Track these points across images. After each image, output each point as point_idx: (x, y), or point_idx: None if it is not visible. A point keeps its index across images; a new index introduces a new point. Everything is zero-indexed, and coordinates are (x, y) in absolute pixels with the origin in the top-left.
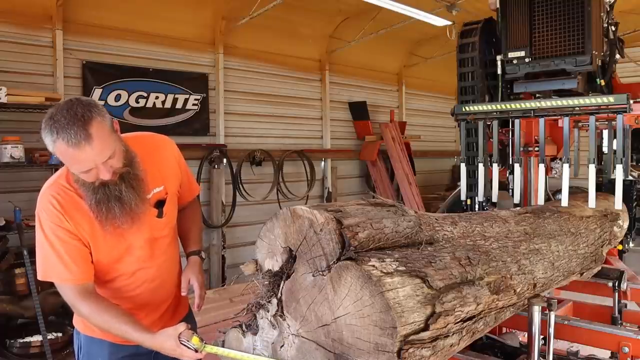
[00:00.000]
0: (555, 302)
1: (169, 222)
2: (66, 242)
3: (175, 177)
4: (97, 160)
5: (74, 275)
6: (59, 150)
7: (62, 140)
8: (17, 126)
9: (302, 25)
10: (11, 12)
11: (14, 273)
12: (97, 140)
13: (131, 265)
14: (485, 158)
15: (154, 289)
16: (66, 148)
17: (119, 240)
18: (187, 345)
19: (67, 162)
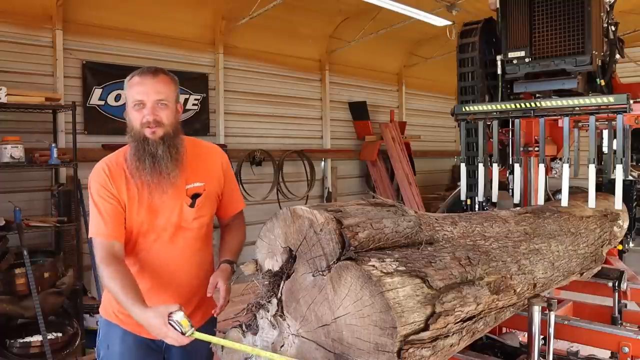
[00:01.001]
0: (555, 302)
1: (198, 217)
2: (106, 201)
3: (217, 181)
4: (151, 94)
5: (106, 231)
6: (130, 83)
7: (137, 75)
8: (17, 126)
9: (302, 25)
10: (11, 12)
11: (14, 273)
12: (160, 82)
13: (151, 243)
14: (485, 158)
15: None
16: (136, 77)
17: (152, 216)
18: (175, 326)
19: (131, 92)
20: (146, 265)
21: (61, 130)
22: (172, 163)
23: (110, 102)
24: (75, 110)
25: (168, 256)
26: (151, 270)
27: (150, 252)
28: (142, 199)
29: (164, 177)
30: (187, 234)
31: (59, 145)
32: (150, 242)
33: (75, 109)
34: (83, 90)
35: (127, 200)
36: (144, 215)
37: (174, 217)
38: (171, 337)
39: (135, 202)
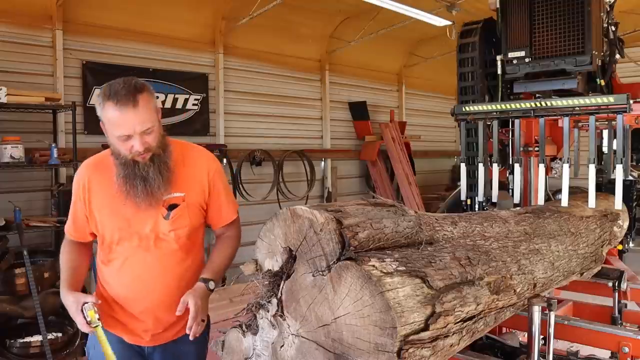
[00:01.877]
0: (555, 302)
1: (175, 229)
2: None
3: (200, 191)
4: (136, 127)
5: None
6: (105, 111)
7: (111, 102)
8: (17, 126)
9: (302, 25)
10: (11, 12)
11: (14, 273)
12: (142, 110)
13: (127, 251)
14: (485, 158)
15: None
16: (113, 109)
17: (124, 225)
18: (84, 314)
19: (110, 125)
20: (125, 271)
21: (61, 130)
22: (163, 182)
23: None
24: (75, 110)
25: (145, 265)
26: (129, 277)
27: (129, 258)
28: (116, 208)
29: (156, 193)
30: (164, 244)
31: (59, 145)
32: (128, 249)
33: (75, 109)
34: (83, 90)
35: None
36: (118, 223)
37: (148, 228)
38: (79, 322)
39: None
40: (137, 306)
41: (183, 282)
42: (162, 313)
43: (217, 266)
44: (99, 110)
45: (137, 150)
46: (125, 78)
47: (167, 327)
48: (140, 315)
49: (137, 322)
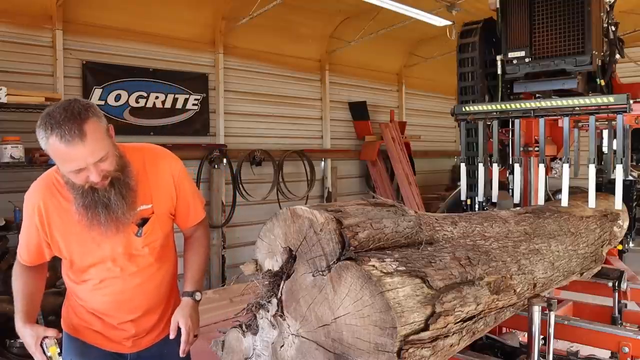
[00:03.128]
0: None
1: (149, 243)
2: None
3: (168, 197)
4: (88, 160)
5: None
6: (51, 147)
7: (56, 137)
8: (17, 126)
9: (302, 25)
10: (11, 12)
11: None
12: (91, 140)
13: (102, 273)
14: (485, 158)
15: (121, 302)
16: (59, 144)
17: (94, 248)
18: (45, 350)
19: (59, 160)
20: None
21: None
22: (128, 205)
23: (110, 102)
24: None
25: (123, 282)
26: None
27: (105, 279)
28: (82, 233)
29: (120, 219)
30: (139, 259)
31: None
32: (102, 271)
33: None
34: (83, 90)
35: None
36: (86, 248)
37: (120, 249)
38: (38, 358)
39: (73, 235)
40: (117, 319)
41: (162, 287)
42: (143, 320)
43: (197, 274)
44: (43, 144)
45: (93, 181)
46: (65, 104)
47: (148, 331)
48: (120, 325)
49: (118, 331)
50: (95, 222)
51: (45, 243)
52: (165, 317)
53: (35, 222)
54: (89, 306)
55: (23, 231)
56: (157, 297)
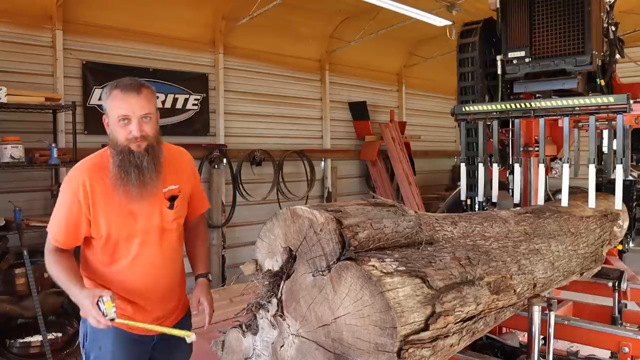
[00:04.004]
0: (555, 302)
1: (177, 217)
2: (72, 210)
3: (189, 183)
4: (136, 110)
5: (62, 238)
6: (112, 97)
7: (118, 89)
8: (17, 126)
9: (302, 25)
10: (11, 12)
11: (14, 273)
12: (144, 97)
13: (135, 248)
14: (485, 158)
15: (150, 280)
16: (118, 93)
17: (132, 221)
18: (100, 307)
19: (114, 106)
20: (134, 268)
21: (61, 130)
22: (155, 173)
23: None
24: (75, 110)
25: (153, 258)
26: (140, 272)
27: (138, 255)
28: (120, 205)
29: (148, 184)
30: (169, 235)
31: (59, 145)
32: (135, 246)
33: (75, 109)
34: (83, 90)
35: (104, 209)
36: (125, 220)
37: (156, 220)
38: (93, 316)
39: (113, 208)
40: (146, 299)
41: (178, 267)
42: (167, 301)
43: (205, 258)
44: (105, 101)
45: (134, 135)
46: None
47: (168, 315)
48: (147, 306)
49: (145, 313)
50: (125, 180)
51: (85, 219)
52: (180, 302)
53: (79, 198)
54: (119, 289)
55: (60, 211)
56: (177, 279)
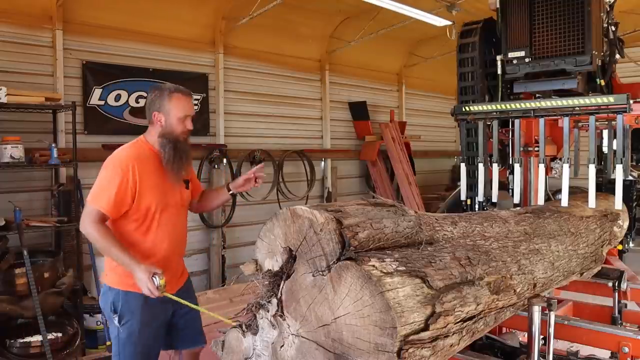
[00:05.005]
0: (555, 302)
1: (188, 197)
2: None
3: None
4: (190, 110)
5: (110, 208)
6: (174, 98)
7: (178, 92)
8: (17, 126)
9: (302, 25)
10: (11, 12)
11: (14, 273)
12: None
13: (165, 216)
14: (485, 158)
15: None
16: (181, 96)
17: (166, 196)
18: (155, 282)
19: (179, 107)
20: (162, 234)
21: (61, 130)
22: (188, 161)
23: (110, 102)
24: (75, 110)
25: (178, 226)
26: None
27: (168, 223)
28: (161, 184)
29: (187, 165)
30: (183, 210)
31: (59, 145)
32: (168, 216)
33: (75, 109)
34: (83, 90)
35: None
36: (160, 197)
37: (178, 197)
38: (150, 287)
39: (156, 185)
40: (168, 261)
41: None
42: (178, 264)
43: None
44: (163, 101)
45: (188, 129)
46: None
47: (181, 273)
48: (170, 263)
49: (169, 271)
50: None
51: (130, 195)
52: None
53: (128, 177)
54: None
55: (111, 187)
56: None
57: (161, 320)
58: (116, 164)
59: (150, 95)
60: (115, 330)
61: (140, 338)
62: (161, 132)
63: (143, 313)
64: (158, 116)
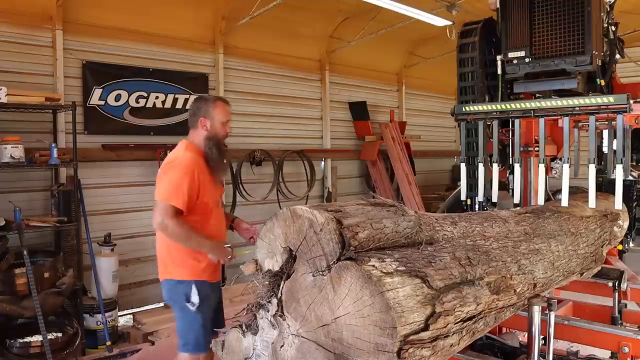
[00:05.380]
0: (555, 302)
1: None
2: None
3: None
4: (229, 116)
5: (182, 204)
6: (219, 106)
7: (221, 101)
8: (17, 126)
9: (302, 25)
10: (11, 12)
11: (14, 273)
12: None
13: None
14: (485, 158)
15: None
16: (223, 104)
17: (214, 194)
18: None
19: (222, 113)
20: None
21: (61, 130)
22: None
23: (110, 102)
24: (75, 110)
25: (220, 219)
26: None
27: (217, 217)
28: (212, 181)
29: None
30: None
31: (59, 145)
32: (216, 210)
33: (75, 109)
34: (83, 90)
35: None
36: (212, 191)
37: (219, 194)
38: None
39: (209, 182)
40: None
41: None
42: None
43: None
44: (209, 108)
45: (229, 132)
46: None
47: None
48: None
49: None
50: (221, 164)
51: (195, 191)
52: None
53: (194, 177)
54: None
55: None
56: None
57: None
58: (183, 165)
59: (195, 104)
60: (189, 316)
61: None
62: (207, 135)
63: (211, 296)
64: (204, 121)
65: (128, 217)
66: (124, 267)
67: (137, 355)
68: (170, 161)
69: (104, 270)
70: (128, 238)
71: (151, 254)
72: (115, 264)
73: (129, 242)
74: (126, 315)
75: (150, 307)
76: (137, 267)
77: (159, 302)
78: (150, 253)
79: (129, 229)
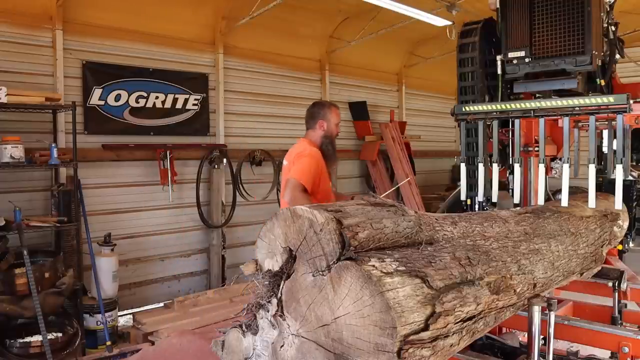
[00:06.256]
0: (555, 302)
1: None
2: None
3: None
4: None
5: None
6: (334, 111)
7: (334, 107)
8: (17, 126)
9: (302, 25)
10: (11, 12)
11: (14, 273)
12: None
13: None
14: (485, 158)
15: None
16: (336, 109)
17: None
18: None
19: (336, 117)
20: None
21: (61, 130)
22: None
23: (110, 102)
24: (75, 110)
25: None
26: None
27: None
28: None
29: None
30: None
31: (59, 145)
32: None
33: (75, 109)
34: (83, 90)
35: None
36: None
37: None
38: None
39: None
40: None
41: None
42: None
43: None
44: (326, 111)
45: (339, 132)
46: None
47: None
48: None
49: None
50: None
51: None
52: None
53: (319, 165)
54: None
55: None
56: None
57: None
58: (313, 155)
59: (314, 108)
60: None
61: None
62: (324, 134)
63: None
64: (322, 123)
65: (128, 217)
66: (124, 267)
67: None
68: (300, 152)
69: (104, 270)
70: (128, 238)
71: (151, 254)
72: (115, 264)
73: (129, 242)
74: (126, 315)
75: (150, 307)
76: (137, 267)
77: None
78: (150, 253)
79: (129, 229)
